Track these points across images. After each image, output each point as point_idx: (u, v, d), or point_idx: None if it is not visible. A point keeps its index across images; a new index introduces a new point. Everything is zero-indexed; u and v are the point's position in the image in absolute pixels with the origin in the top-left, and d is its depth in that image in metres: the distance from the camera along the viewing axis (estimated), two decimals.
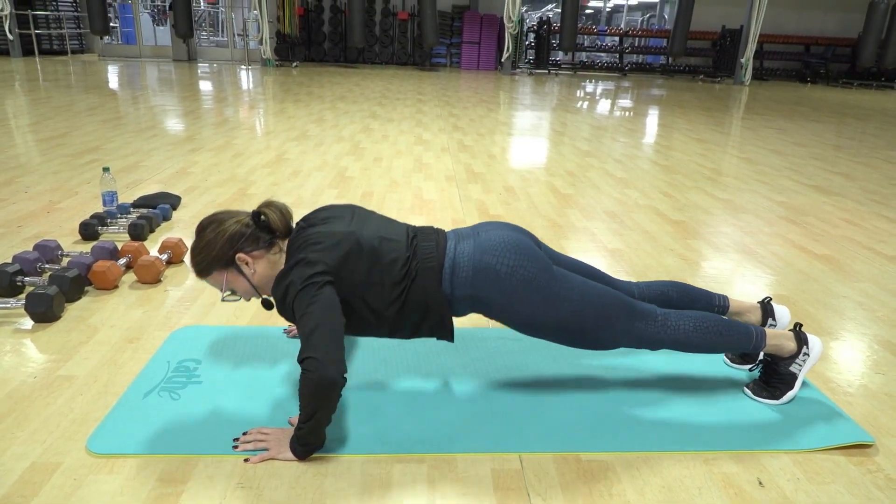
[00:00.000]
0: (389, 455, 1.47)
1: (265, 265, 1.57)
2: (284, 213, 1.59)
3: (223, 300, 1.66)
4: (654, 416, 1.64)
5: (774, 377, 1.70)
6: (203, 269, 1.56)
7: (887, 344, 2.12)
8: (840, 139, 6.65)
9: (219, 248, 1.53)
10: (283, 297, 1.46)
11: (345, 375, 1.34)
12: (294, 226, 1.62)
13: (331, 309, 1.41)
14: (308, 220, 1.61)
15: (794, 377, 1.68)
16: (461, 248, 1.58)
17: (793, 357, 1.68)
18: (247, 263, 1.55)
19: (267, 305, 1.62)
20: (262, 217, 1.55)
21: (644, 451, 1.51)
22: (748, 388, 1.75)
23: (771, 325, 1.85)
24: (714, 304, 1.84)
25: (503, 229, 1.62)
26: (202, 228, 1.56)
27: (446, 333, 1.61)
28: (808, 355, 1.67)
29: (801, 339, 1.68)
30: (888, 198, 4.16)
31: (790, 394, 1.68)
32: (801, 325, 1.73)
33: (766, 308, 1.87)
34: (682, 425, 1.61)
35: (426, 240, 1.60)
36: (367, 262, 1.51)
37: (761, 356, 1.81)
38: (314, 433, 1.40)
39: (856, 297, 2.49)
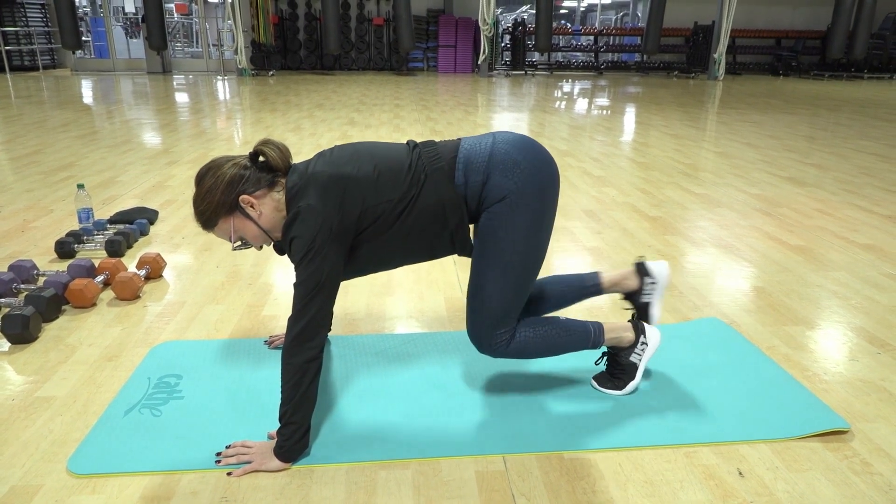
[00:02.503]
0: (373, 462, 1.47)
1: (271, 205, 1.52)
2: (283, 150, 1.53)
3: (234, 250, 1.62)
4: (633, 412, 1.66)
5: (617, 368, 1.73)
6: (208, 218, 1.50)
7: (861, 331, 2.16)
8: (813, 130, 6.76)
9: (221, 193, 1.47)
10: (289, 250, 1.46)
11: (320, 352, 1.44)
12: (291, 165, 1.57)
13: (326, 284, 1.42)
14: (307, 163, 1.56)
15: (634, 367, 1.71)
16: (477, 142, 1.56)
17: (632, 347, 1.70)
18: (252, 206, 1.50)
19: (280, 251, 1.59)
20: (261, 157, 1.51)
21: (625, 447, 1.53)
22: (594, 379, 1.79)
23: (651, 283, 1.83)
24: (586, 284, 1.83)
25: (522, 136, 1.59)
26: (200, 177, 1.50)
27: (466, 239, 1.56)
28: (647, 344, 1.70)
29: (639, 330, 1.71)
30: (860, 187, 4.24)
31: (633, 384, 1.72)
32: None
33: (641, 269, 1.86)
34: (662, 420, 1.63)
35: (428, 145, 1.58)
36: (370, 189, 1.48)
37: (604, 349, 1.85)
38: (294, 419, 1.42)
39: (830, 287, 2.54)
